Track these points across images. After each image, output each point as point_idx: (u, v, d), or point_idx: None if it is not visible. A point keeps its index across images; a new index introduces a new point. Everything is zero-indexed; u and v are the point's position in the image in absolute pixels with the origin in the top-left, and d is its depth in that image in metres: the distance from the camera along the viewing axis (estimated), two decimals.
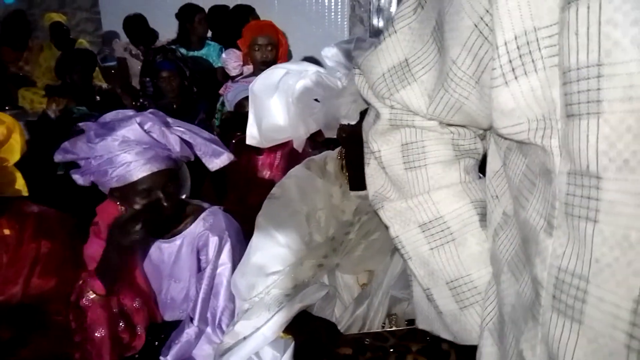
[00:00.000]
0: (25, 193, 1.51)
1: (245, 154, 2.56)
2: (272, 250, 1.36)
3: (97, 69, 3.87)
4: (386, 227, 0.88)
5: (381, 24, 5.32)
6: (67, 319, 1.44)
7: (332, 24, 5.32)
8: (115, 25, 5.49)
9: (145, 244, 1.58)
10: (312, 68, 1.43)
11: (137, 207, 1.45)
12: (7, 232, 1.45)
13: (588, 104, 0.44)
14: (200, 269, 1.58)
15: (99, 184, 1.46)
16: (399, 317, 1.27)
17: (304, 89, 1.40)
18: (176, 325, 1.55)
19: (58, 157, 1.45)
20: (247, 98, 2.47)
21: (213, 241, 1.55)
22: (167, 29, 4.23)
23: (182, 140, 1.49)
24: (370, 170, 0.89)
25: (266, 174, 2.56)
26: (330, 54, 1.39)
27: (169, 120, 1.49)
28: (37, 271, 1.48)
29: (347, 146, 1.38)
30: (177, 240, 1.60)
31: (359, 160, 1.32)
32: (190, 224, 1.60)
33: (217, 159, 1.54)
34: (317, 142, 2.78)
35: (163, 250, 1.60)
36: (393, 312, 1.27)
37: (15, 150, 1.51)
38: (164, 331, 1.56)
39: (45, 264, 1.49)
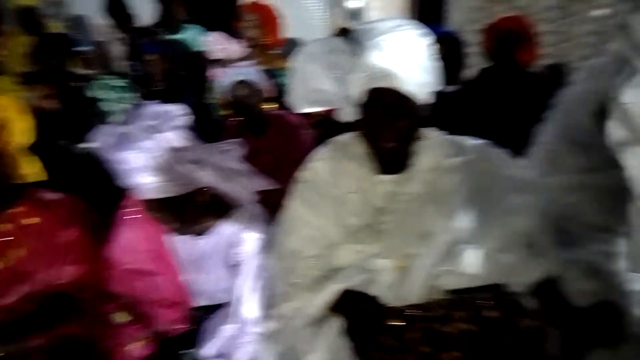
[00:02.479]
0: (44, 177, 1.46)
1: (242, 137, 2.52)
2: (307, 234, 1.37)
3: None
4: None
5: (361, 4, 5.31)
6: (99, 307, 1.42)
7: (311, 6, 5.27)
8: (83, 9, 5.27)
9: None
10: (342, 44, 1.42)
11: None
12: (35, 220, 1.41)
13: None
14: (231, 262, 1.57)
15: None
16: (436, 286, 1.29)
17: (339, 63, 1.39)
18: (209, 310, 1.54)
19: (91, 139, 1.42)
20: (239, 82, 2.47)
21: (252, 238, 1.54)
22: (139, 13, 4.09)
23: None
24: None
25: (265, 157, 2.54)
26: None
27: (184, 145, 1.38)
28: (70, 259, 1.45)
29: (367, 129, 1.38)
30: (211, 236, 1.57)
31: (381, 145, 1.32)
32: (223, 219, 1.57)
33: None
34: (309, 124, 2.78)
35: (196, 246, 1.58)
36: (429, 284, 1.29)
37: (24, 131, 1.44)
38: (198, 315, 1.56)
39: (76, 251, 1.46)
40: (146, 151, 1.31)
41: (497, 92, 2.84)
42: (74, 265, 1.45)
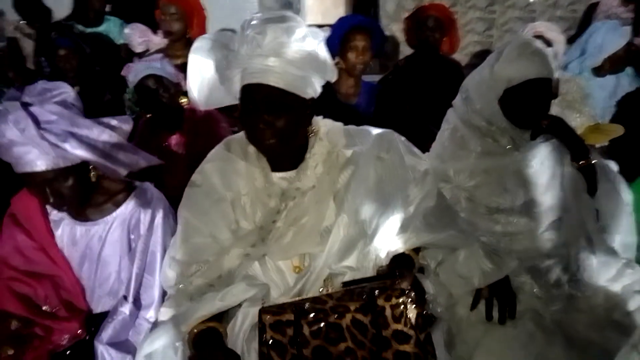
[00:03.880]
0: None
1: (156, 134, 2.44)
2: (198, 242, 1.31)
3: None
4: None
5: None
6: None
7: None
8: None
9: None
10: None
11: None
12: None
13: None
14: (131, 249, 1.52)
15: None
16: (334, 281, 1.28)
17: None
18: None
19: None
20: (148, 77, 2.36)
21: (145, 217, 1.51)
22: (56, 6, 3.88)
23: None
24: None
25: (180, 152, 2.46)
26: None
27: (52, 118, 1.32)
28: None
29: None
30: (107, 222, 1.51)
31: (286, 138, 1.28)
32: (121, 204, 1.52)
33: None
34: (234, 117, 2.72)
35: (91, 233, 1.51)
36: (327, 278, 1.28)
37: None
38: (95, 323, 1.48)
39: None
40: (17, 123, 1.28)
41: (418, 79, 2.87)
42: None
